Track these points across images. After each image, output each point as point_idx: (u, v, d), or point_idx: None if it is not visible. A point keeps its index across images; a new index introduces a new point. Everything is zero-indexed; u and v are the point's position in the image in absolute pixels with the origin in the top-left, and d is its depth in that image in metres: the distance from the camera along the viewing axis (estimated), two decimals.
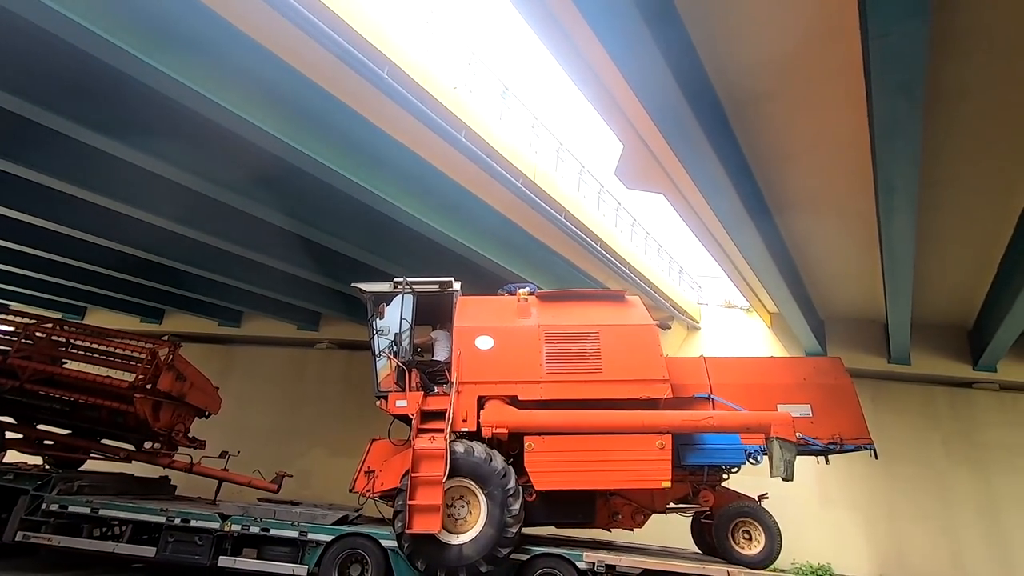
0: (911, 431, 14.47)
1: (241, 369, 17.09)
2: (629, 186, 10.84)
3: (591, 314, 8.11)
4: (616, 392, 7.40)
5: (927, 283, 10.48)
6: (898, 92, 5.44)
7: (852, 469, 12.20)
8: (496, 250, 11.01)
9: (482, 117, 9.04)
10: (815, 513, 13.84)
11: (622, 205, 14.37)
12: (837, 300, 13.59)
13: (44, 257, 12.35)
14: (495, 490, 6.76)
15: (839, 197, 9.03)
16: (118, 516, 7.73)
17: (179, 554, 7.39)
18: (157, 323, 17.40)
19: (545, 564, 6.95)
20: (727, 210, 8.70)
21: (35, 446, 9.46)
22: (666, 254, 16.86)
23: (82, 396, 8.89)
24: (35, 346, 9.27)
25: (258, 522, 7.47)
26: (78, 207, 9.99)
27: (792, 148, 8.17)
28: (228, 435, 10.61)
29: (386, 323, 7.91)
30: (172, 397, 9.15)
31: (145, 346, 9.26)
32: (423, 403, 7.30)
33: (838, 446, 7.78)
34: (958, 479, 14.43)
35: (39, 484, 7.90)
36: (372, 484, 7.49)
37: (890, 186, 6.95)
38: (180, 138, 7.80)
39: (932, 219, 8.38)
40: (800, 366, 9.24)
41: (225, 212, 9.71)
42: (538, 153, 10.75)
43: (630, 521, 7.81)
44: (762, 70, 6.74)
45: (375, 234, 10.50)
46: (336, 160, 8.04)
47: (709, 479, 7.80)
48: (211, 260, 12.06)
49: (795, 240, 10.57)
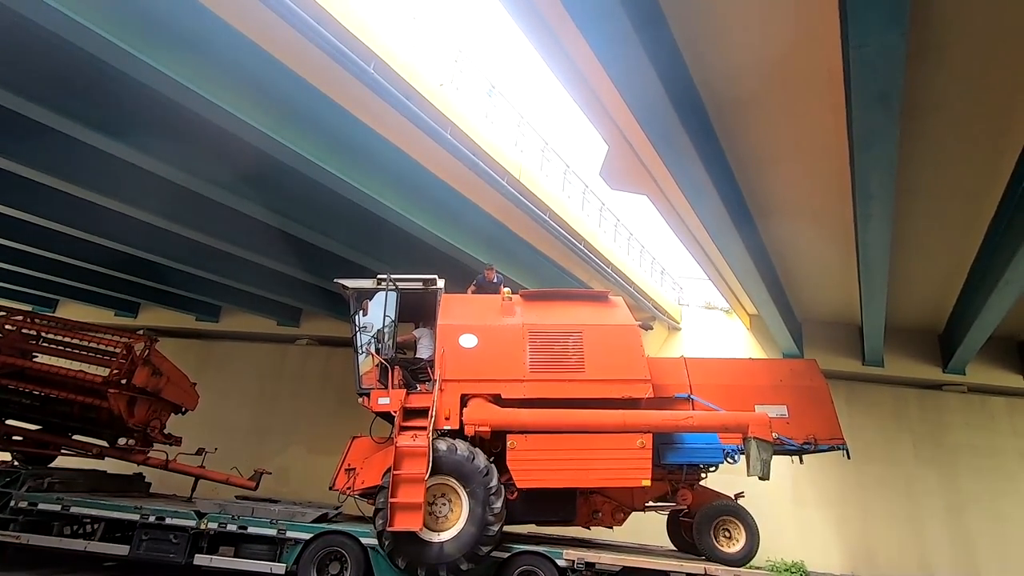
0: (882, 432, 14.84)
1: (218, 365, 16.80)
2: (613, 187, 10.94)
3: (575, 314, 8.16)
4: (599, 391, 7.46)
5: (901, 288, 10.76)
6: (876, 102, 5.58)
7: (825, 469, 12.47)
8: (481, 249, 11.01)
9: (468, 115, 9.04)
10: (788, 511, 14.10)
11: (606, 206, 14.47)
12: (815, 303, 13.88)
13: (14, 248, 12.00)
14: (477, 488, 6.77)
15: (819, 203, 9.22)
16: (90, 514, 7.57)
17: (153, 552, 7.26)
18: (132, 317, 17.02)
19: (526, 562, 6.98)
20: (709, 213, 8.82)
21: (3, 442, 9.21)
22: (649, 255, 17.02)
23: (53, 391, 8.68)
24: (4, 339, 9.00)
25: (236, 520, 7.37)
26: (53, 198, 9.77)
27: (774, 153, 8.33)
28: (205, 431, 10.46)
29: (369, 320, 7.87)
30: (148, 392, 8.97)
31: (120, 340, 9.05)
32: (405, 400, 7.28)
33: (812, 446, 7.95)
34: (926, 479, 14.84)
35: (7, 481, 7.70)
36: (352, 482, 7.45)
37: (867, 193, 7.13)
38: (164, 132, 7.68)
39: (906, 226, 8.62)
40: (777, 368, 9.42)
41: (206, 206, 9.56)
42: (524, 152, 10.78)
43: (610, 519, 7.88)
44: (745, 75, 6.86)
45: (360, 231, 10.44)
46: (322, 156, 7.98)
47: (688, 478, 7.89)
48: (190, 254, 11.85)
49: (775, 244, 10.77)
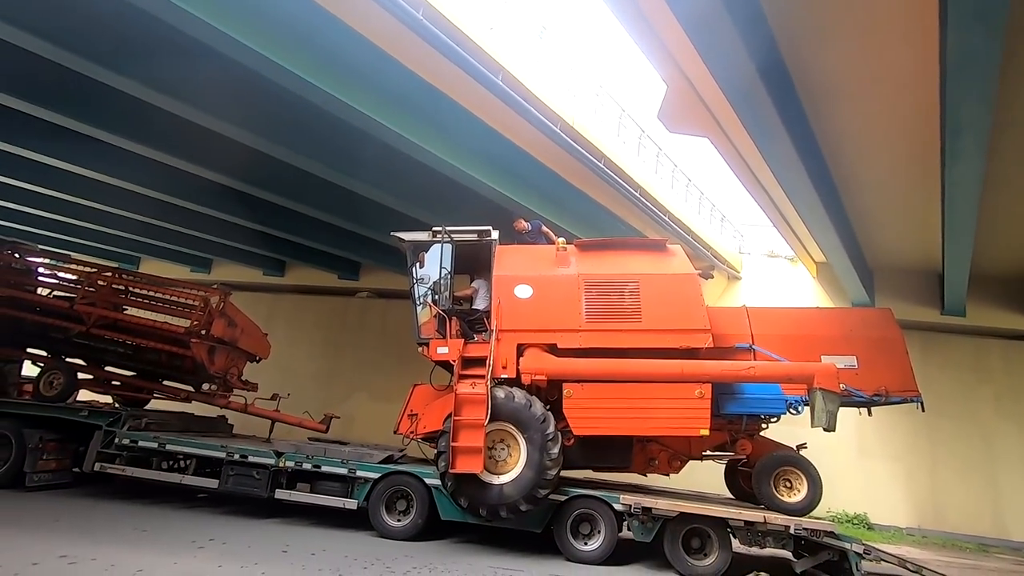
0: (960, 384, 14.08)
1: (286, 317, 17.72)
2: (672, 130, 10.44)
3: (631, 263, 8.00)
4: (656, 341, 7.37)
5: (988, 231, 9.89)
6: (976, 19, 4.98)
7: (894, 421, 12.05)
8: (533, 199, 10.88)
9: (519, 59, 8.75)
10: (853, 463, 13.79)
11: (663, 151, 13.90)
12: (888, 250, 13.01)
13: (99, 209, 12.88)
14: (535, 435, 6.93)
15: (899, 140, 8.50)
16: (183, 451, 8.29)
17: (239, 486, 7.92)
18: (206, 272, 18.08)
19: (583, 505, 7.16)
20: (777, 153, 8.31)
21: (104, 386, 10.16)
22: (708, 202, 16.37)
23: (143, 340, 9.40)
24: (97, 293, 9.77)
25: (310, 459, 7.90)
26: (129, 160, 10.32)
27: (850, 86, 7.65)
28: (278, 378, 11.13)
29: (426, 272, 8.01)
30: (225, 342, 9.60)
31: (197, 294, 9.68)
32: (464, 350, 7.45)
33: (883, 398, 7.62)
34: (1007, 434, 14.08)
35: (111, 421, 8.50)
36: (415, 427, 7.77)
37: (958, 127, 6.48)
38: (230, 94, 7.88)
39: (997, 163, 7.80)
40: (847, 317, 9.00)
41: (271, 166, 9.88)
42: (576, 96, 10.40)
43: (667, 467, 7.94)
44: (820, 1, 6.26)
45: (414, 185, 10.50)
46: (372, 108, 7.97)
47: (748, 428, 7.80)
48: (258, 212, 12.36)
49: (847, 186, 10.07)
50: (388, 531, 7.42)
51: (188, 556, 5.75)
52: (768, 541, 6.86)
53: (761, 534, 6.84)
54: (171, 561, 5.45)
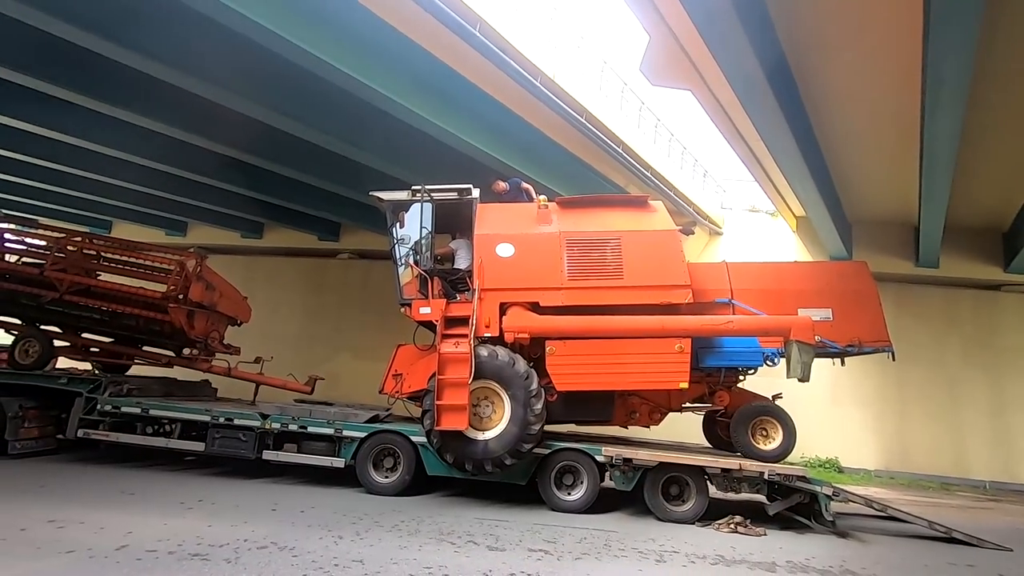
0: (931, 334, 14.52)
1: (265, 279, 17.43)
2: (654, 82, 10.24)
3: (612, 220, 7.99)
4: (637, 298, 7.45)
5: (964, 185, 10.02)
6: None
7: (866, 370, 12.43)
8: (515, 156, 10.69)
9: (497, 9, 8.42)
10: (825, 411, 14.28)
11: (645, 105, 13.67)
12: (867, 202, 13.14)
13: (68, 172, 12.39)
14: (518, 391, 7.04)
15: (879, 93, 8.46)
16: (167, 415, 8.28)
17: (226, 448, 7.97)
18: (181, 236, 17.66)
19: (566, 458, 7.35)
20: (759, 106, 8.23)
21: (82, 352, 10.02)
22: (690, 156, 16.25)
23: (119, 306, 9.22)
24: (67, 259, 9.49)
25: (296, 420, 7.96)
26: (102, 122, 9.90)
27: (834, 39, 7.55)
28: (260, 342, 11.05)
29: (406, 231, 7.93)
30: (204, 306, 9.47)
31: (173, 258, 9.47)
32: (446, 310, 7.46)
33: (856, 349, 7.84)
34: (973, 381, 14.66)
35: (92, 387, 8.43)
36: (400, 386, 7.84)
37: (939, 79, 6.46)
38: (206, 54, 7.51)
39: (976, 116, 7.82)
40: (823, 271, 9.13)
41: (249, 126, 9.53)
42: (557, 48, 10.10)
43: (647, 419, 8.14)
44: None
45: (392, 142, 10.23)
46: (348, 61, 7.66)
47: (726, 380, 7.99)
48: (234, 173, 11.99)
49: (828, 139, 10.06)
50: (376, 487, 7.57)
51: (177, 517, 5.82)
52: (743, 487, 7.17)
53: (737, 480, 7.14)
54: (160, 522, 5.51)
